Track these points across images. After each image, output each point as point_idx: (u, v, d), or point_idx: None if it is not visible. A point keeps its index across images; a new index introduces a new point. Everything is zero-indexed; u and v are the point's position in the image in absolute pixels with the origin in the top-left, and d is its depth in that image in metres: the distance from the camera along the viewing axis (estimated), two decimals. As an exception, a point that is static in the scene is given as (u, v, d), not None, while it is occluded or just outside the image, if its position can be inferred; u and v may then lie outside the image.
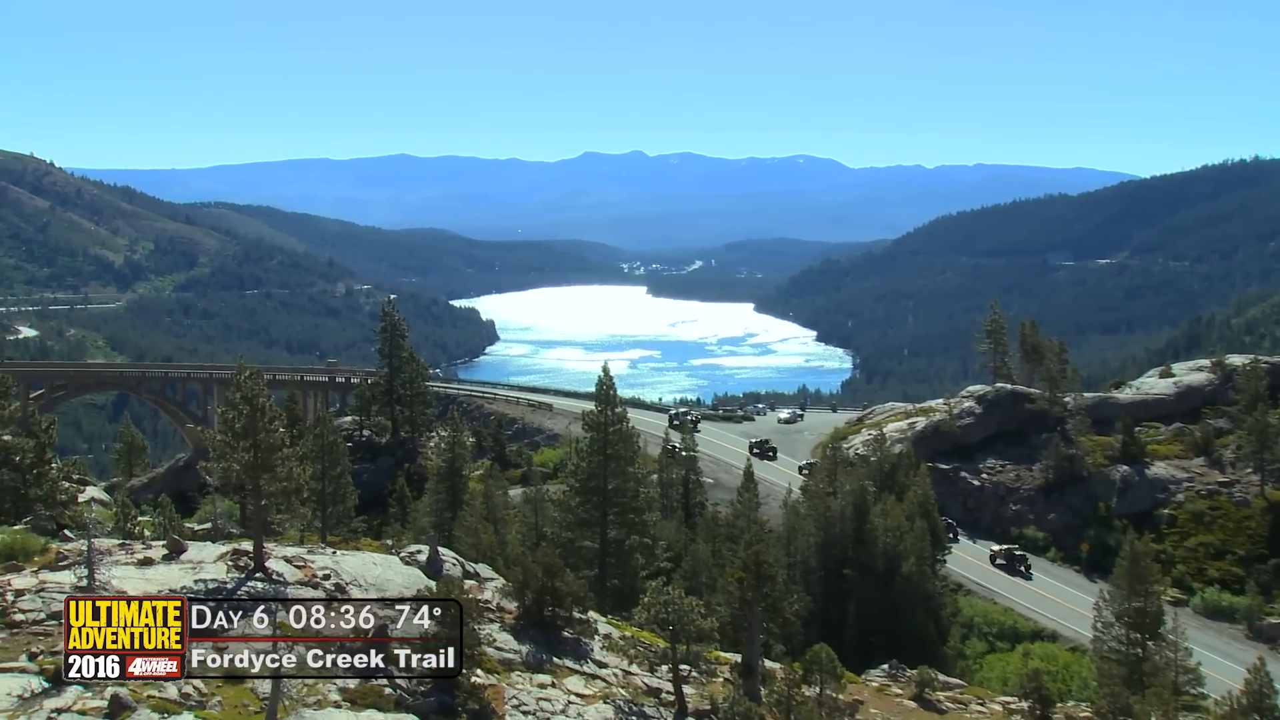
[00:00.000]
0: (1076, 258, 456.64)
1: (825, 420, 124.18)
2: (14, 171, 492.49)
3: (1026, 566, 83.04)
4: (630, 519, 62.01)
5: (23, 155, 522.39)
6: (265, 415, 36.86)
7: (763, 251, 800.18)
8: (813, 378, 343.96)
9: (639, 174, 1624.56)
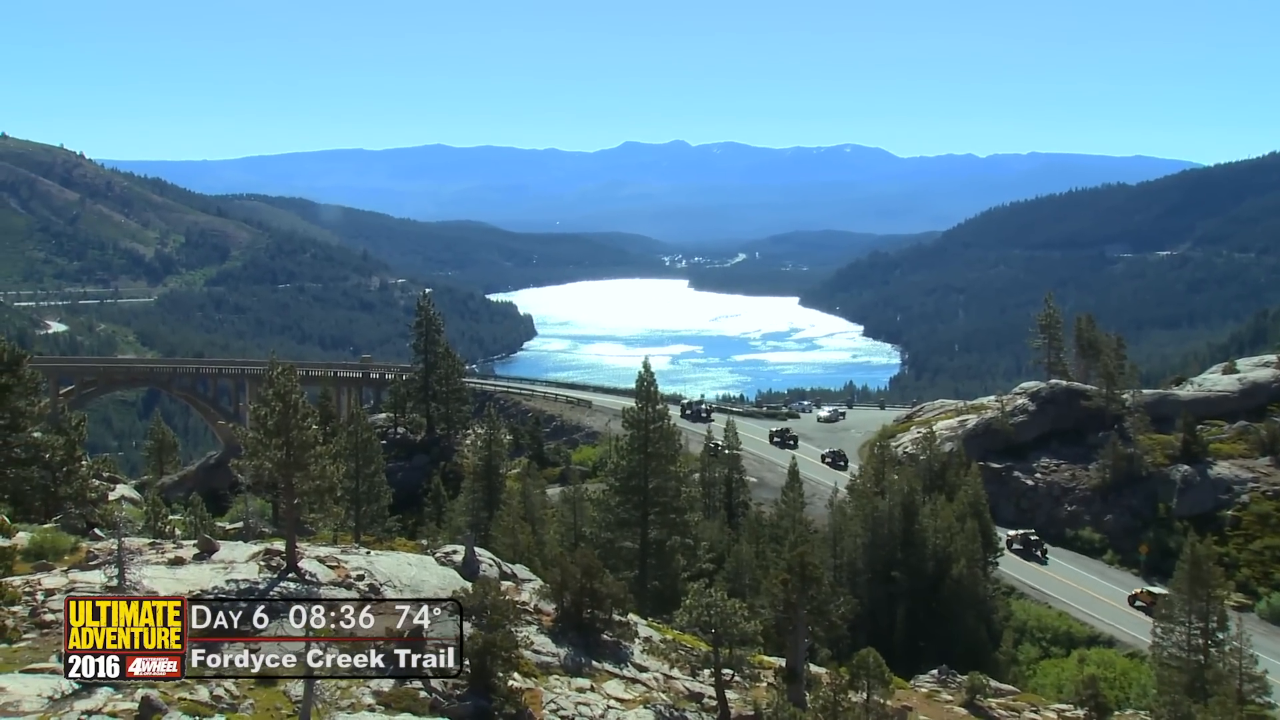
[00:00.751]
0: (1135, 250, 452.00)
1: (872, 418, 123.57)
2: (44, 163, 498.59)
3: (1043, 551, 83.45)
4: (671, 519, 61.96)
5: (52, 147, 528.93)
6: (298, 412, 37.10)
7: (808, 244, 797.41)
8: (860, 374, 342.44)
9: (681, 164, 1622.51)
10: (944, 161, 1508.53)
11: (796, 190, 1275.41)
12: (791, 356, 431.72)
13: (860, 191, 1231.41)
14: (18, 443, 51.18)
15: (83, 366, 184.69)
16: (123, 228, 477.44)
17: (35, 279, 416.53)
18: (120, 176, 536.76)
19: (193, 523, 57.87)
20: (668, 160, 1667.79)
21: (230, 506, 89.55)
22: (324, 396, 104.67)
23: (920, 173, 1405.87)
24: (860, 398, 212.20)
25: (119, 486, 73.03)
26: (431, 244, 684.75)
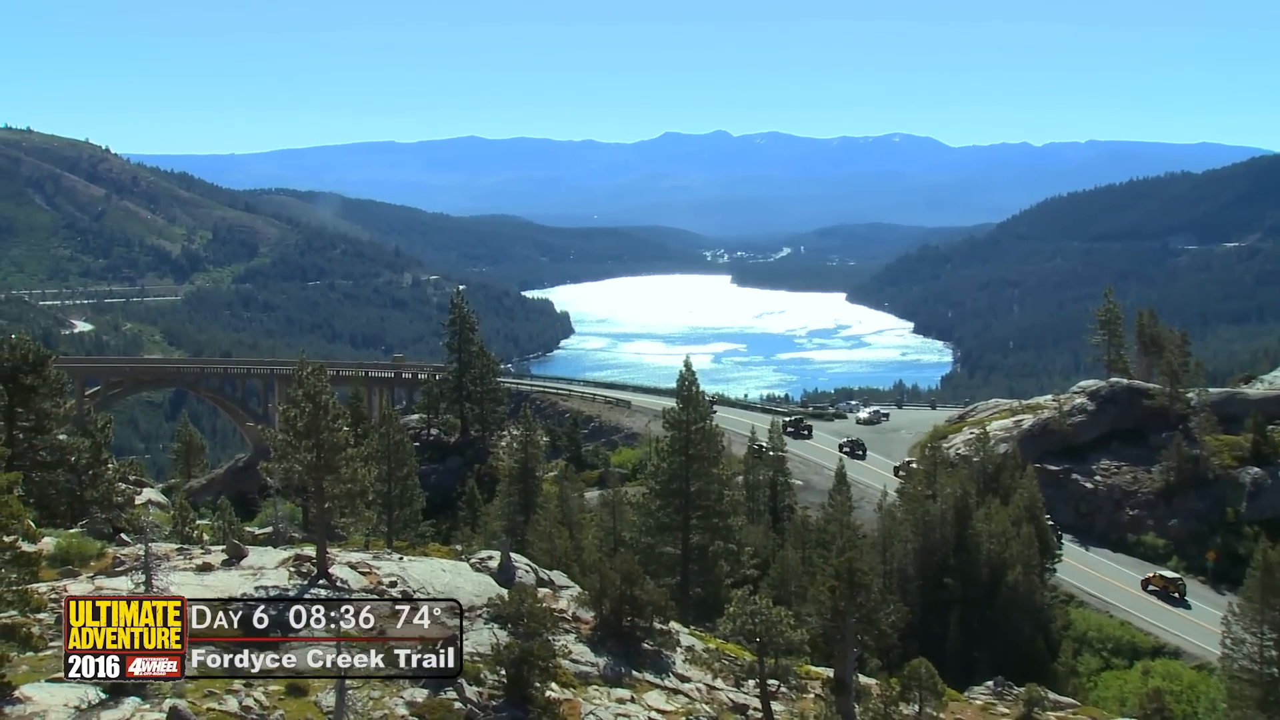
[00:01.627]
0: (1201, 241, 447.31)
1: (923, 418, 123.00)
2: (70, 158, 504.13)
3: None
4: (714, 523, 61.88)
5: (78, 141, 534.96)
6: (328, 413, 37.27)
7: (855, 237, 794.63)
8: (910, 372, 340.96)
9: (723, 155, 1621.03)
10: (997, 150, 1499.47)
11: (843, 181, 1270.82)
12: (838, 355, 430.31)
13: (909, 182, 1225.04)
14: (43, 445, 51.68)
15: (109, 367, 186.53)
16: (149, 224, 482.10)
17: (61, 277, 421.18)
18: (146, 171, 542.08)
19: (221, 527, 58.29)
20: (709, 151, 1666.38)
21: (259, 511, 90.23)
22: (355, 397, 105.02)
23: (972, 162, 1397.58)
24: (910, 397, 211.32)
25: (146, 490, 73.59)
26: (465, 239, 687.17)
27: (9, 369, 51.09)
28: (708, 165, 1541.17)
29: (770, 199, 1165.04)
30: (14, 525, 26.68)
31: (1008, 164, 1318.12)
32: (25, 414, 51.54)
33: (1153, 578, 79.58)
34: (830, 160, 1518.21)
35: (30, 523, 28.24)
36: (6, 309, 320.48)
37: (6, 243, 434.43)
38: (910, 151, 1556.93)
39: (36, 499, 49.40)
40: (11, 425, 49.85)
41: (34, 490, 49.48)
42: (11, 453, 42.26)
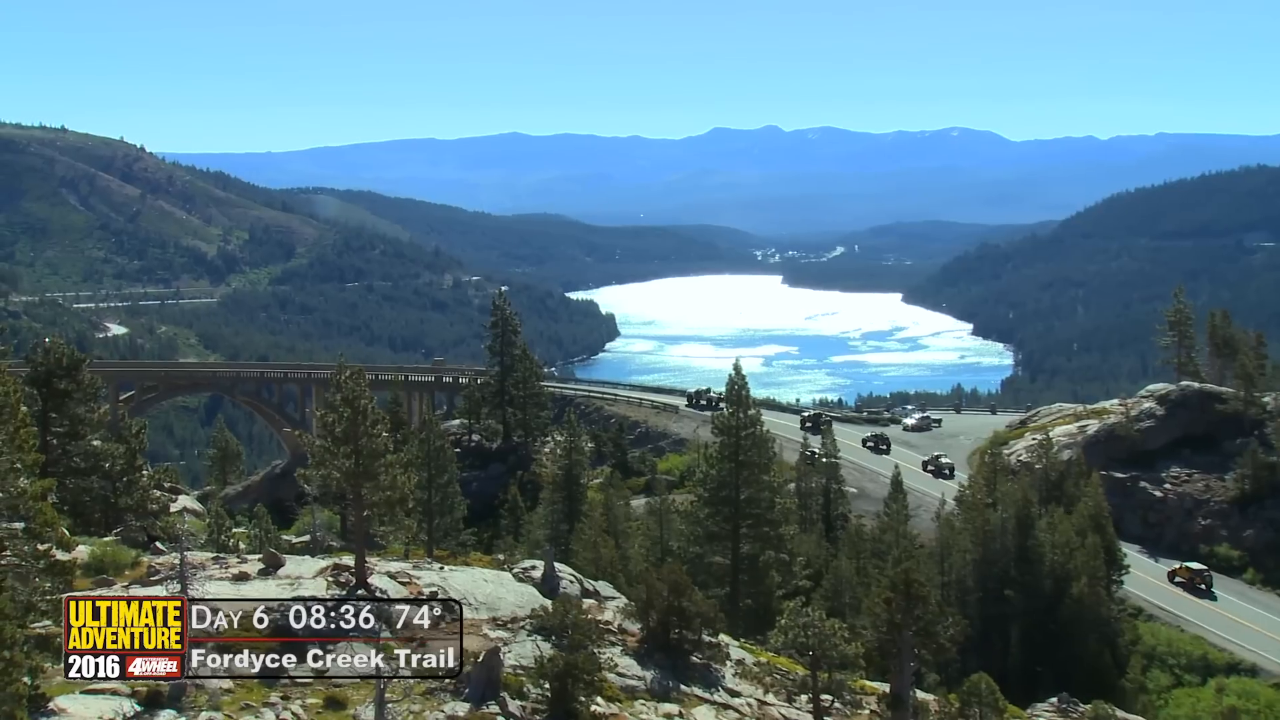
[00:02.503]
0: (1277, 238, 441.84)
1: (983, 423, 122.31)
2: (103, 158, 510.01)
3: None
4: (765, 532, 61.76)
5: (112, 140, 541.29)
6: (367, 419, 37.48)
7: (912, 236, 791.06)
8: (969, 376, 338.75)
9: (774, 151, 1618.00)
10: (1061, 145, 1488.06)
11: (899, 178, 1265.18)
12: (894, 357, 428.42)
13: (968, 178, 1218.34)
14: (77, 451, 52.26)
15: (143, 371, 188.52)
16: (184, 224, 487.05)
17: (95, 279, 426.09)
18: (182, 170, 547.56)
19: (257, 536, 58.84)
20: (759, 147, 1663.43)
21: (296, 519, 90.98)
22: (394, 402, 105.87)
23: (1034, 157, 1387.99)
24: (969, 401, 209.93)
25: (181, 497, 74.33)
26: (507, 238, 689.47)
27: (43, 373, 51.73)
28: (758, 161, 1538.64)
29: (823, 196, 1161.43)
30: (48, 533, 27.02)
31: (1072, 158, 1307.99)
32: (59, 419, 52.13)
33: (1179, 569, 79.85)
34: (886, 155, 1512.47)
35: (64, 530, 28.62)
36: (40, 312, 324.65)
37: (41, 244, 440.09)
38: (969, 146, 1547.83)
39: (70, 506, 49.96)
40: (45, 431, 50.39)
41: (68, 497, 50.06)
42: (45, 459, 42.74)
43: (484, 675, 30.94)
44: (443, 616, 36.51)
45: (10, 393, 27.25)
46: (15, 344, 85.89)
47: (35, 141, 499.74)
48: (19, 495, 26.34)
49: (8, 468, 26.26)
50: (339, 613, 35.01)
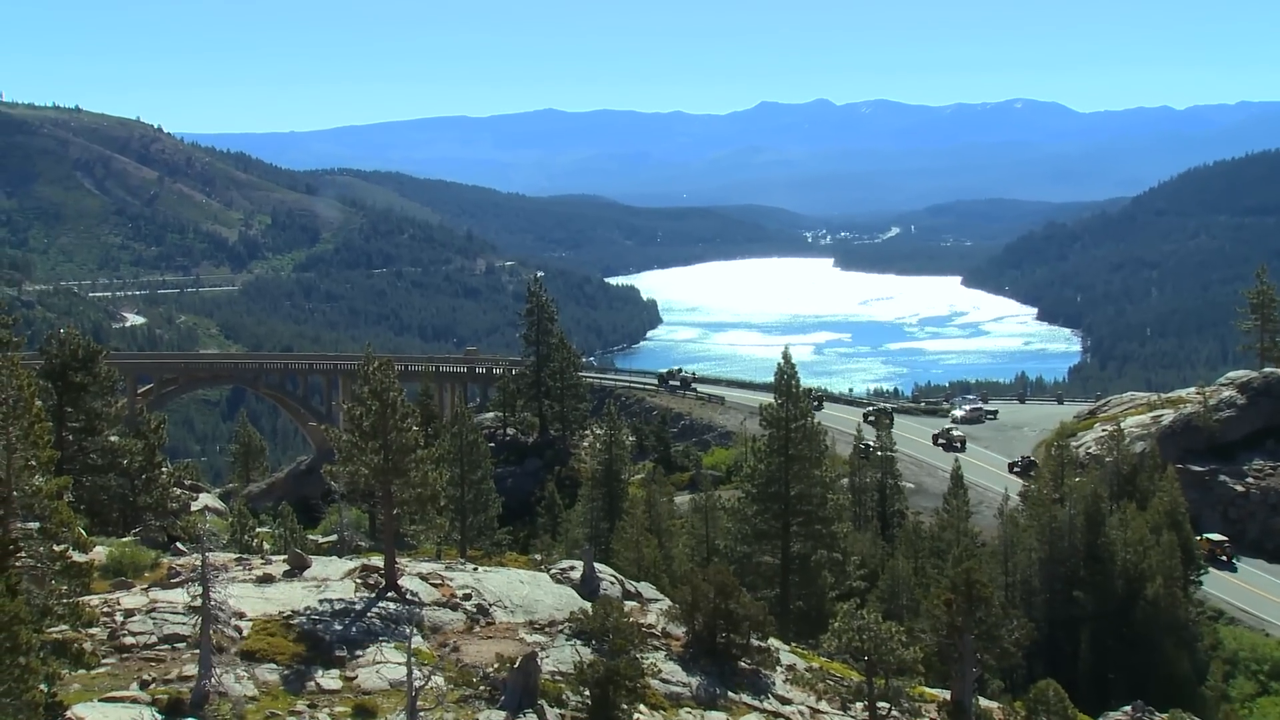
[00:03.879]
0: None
1: (1048, 414, 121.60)
2: (119, 139, 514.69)
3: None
4: (817, 530, 61.61)
5: (128, 120, 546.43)
6: (397, 412, 37.61)
7: (972, 215, 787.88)
8: (1034, 363, 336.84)
9: (824, 126, 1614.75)
10: (1133, 116, 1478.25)
11: (958, 153, 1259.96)
12: (953, 344, 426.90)
13: (1033, 153, 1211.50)
14: (94, 447, 52.66)
15: (162, 363, 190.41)
16: (204, 208, 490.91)
17: (111, 266, 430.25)
18: (201, 152, 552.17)
19: (282, 536, 59.22)
20: (809, 122, 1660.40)
21: (323, 517, 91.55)
22: (425, 394, 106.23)
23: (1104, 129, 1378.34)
24: (1034, 390, 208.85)
25: (202, 495, 74.98)
26: (543, 221, 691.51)
27: (58, 366, 52.15)
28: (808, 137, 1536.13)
29: (877, 174, 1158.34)
30: (64, 533, 27.21)
31: (1145, 130, 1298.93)
32: (75, 414, 52.54)
33: (1200, 541, 79.12)
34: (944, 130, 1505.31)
35: (81, 531, 28.84)
36: (55, 301, 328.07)
37: (55, 230, 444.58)
38: (1034, 119, 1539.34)
39: (87, 505, 50.35)
40: (60, 426, 50.80)
41: (84, 496, 50.45)
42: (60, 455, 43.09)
43: (521, 682, 31.00)
44: (477, 620, 36.68)
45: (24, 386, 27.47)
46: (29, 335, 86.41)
47: (48, 123, 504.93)
48: (34, 494, 26.54)
49: (22, 465, 26.48)
50: (368, 616, 35.24)
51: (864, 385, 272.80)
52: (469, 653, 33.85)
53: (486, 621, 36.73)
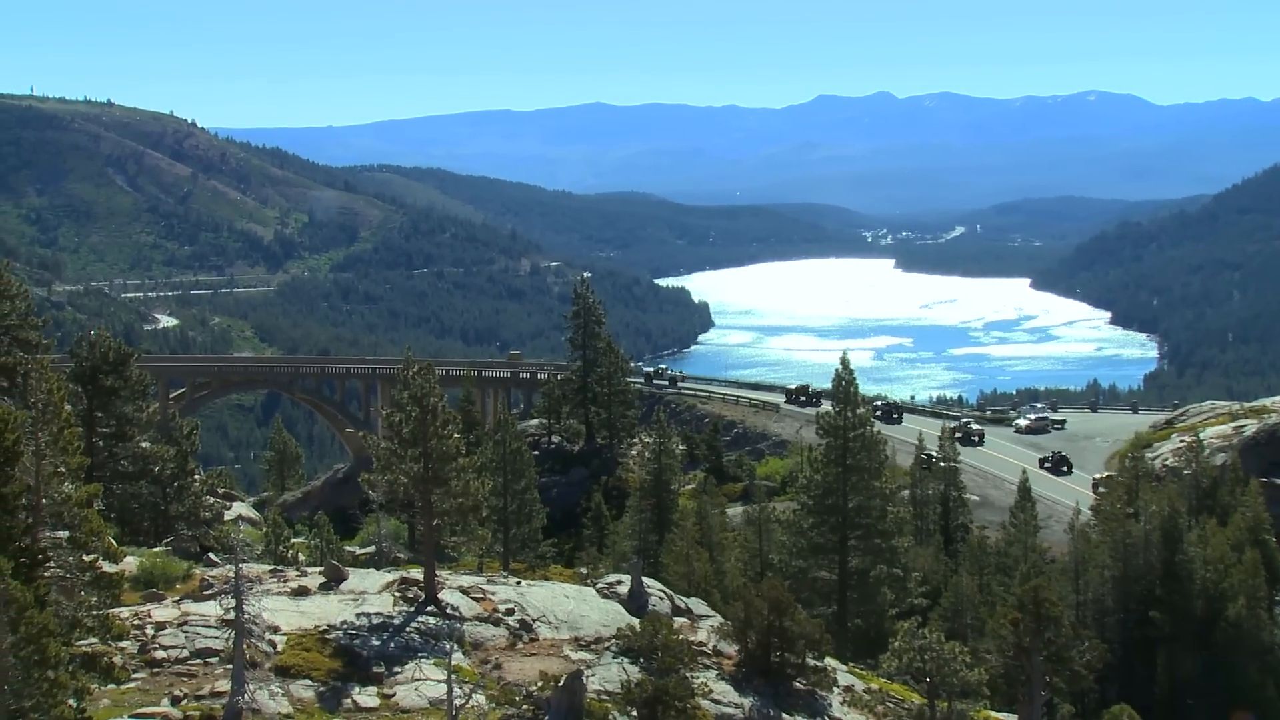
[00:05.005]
0: None
1: (1122, 423, 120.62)
2: (152, 134, 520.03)
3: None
4: (876, 544, 61.38)
5: (162, 114, 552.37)
6: (437, 418, 37.75)
7: (1042, 214, 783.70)
8: (1106, 370, 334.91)
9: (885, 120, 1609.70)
10: (1215, 108, 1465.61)
11: (1027, 149, 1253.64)
12: (1021, 350, 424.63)
13: (1107, 148, 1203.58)
14: (125, 454, 53.17)
15: (195, 366, 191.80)
16: (239, 206, 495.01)
17: (143, 266, 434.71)
18: (236, 147, 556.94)
19: (318, 546, 59.49)
20: (869, 116, 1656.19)
21: (360, 528, 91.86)
22: (467, 400, 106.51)
23: (1183, 123, 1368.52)
24: (1107, 399, 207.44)
25: (236, 504, 75.48)
26: (591, 220, 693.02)
27: (88, 369, 52.69)
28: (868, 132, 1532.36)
29: (941, 170, 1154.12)
30: (94, 543, 27.41)
31: (1227, 124, 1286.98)
32: (105, 419, 53.06)
33: None
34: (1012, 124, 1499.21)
35: (111, 540, 29.07)
36: (85, 302, 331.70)
37: (86, 228, 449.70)
38: (1108, 112, 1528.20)
39: (118, 513, 50.84)
40: (91, 431, 51.28)
41: (115, 504, 50.93)
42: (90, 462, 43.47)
43: (565, 701, 31.05)
44: (520, 636, 36.76)
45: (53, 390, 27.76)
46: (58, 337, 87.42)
47: (80, 117, 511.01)
48: (63, 502, 26.76)
49: (51, 472, 26.71)
50: (407, 631, 35.39)
51: (926, 392, 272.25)
52: (511, 670, 33.94)
53: (530, 638, 36.80)
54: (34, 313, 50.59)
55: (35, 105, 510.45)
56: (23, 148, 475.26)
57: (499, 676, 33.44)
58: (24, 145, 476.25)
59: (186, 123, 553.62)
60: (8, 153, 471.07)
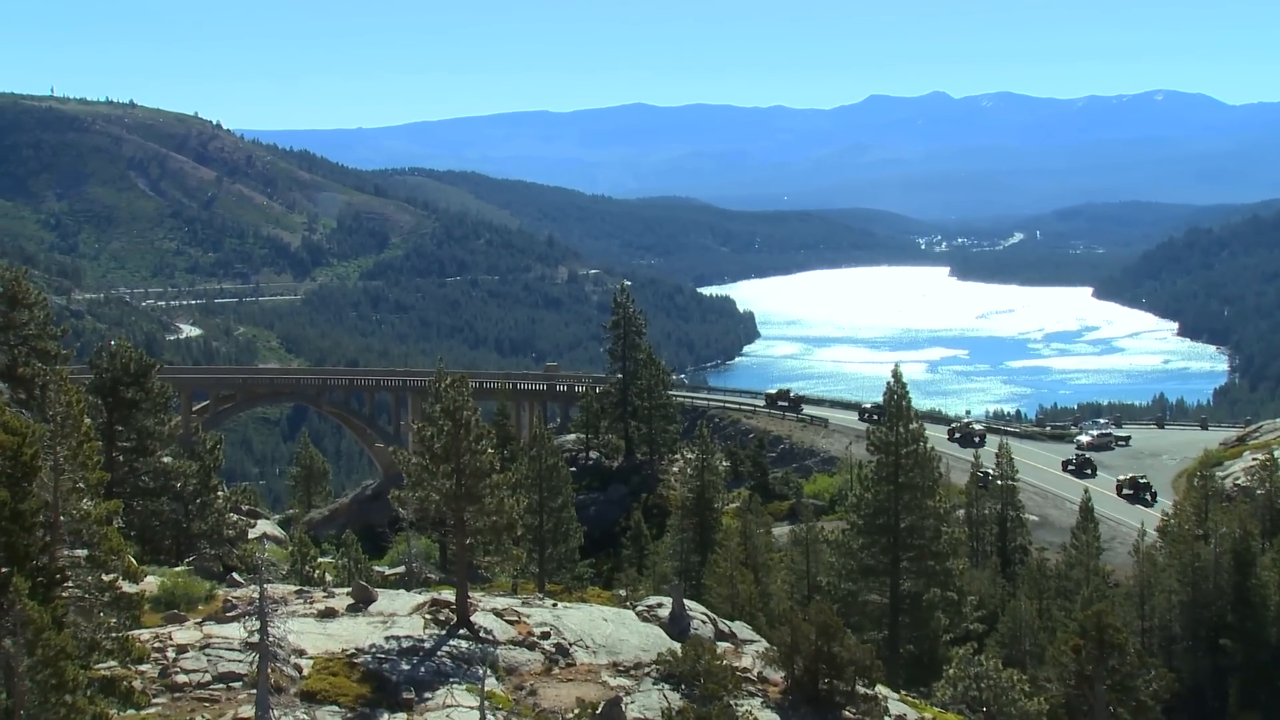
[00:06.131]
0: None
1: (1191, 440, 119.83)
2: (176, 136, 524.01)
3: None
4: (929, 566, 61.18)
5: (186, 116, 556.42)
6: (471, 433, 37.83)
7: (1105, 219, 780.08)
8: (1174, 384, 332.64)
9: (940, 122, 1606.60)
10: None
11: (1090, 151, 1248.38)
12: (1083, 363, 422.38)
13: (1175, 150, 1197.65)
14: (145, 469, 53.47)
15: (219, 378, 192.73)
16: (265, 211, 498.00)
17: (165, 274, 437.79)
18: (262, 150, 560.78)
19: (346, 566, 59.74)
20: (923, 117, 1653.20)
21: (390, 547, 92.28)
22: (501, 414, 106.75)
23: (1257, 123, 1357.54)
24: (1174, 414, 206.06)
25: (260, 522, 75.88)
26: (631, 225, 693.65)
27: (108, 380, 53.04)
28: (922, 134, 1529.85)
29: (999, 174, 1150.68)
30: (114, 562, 27.51)
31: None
32: (126, 433, 53.38)
33: None
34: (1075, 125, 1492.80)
35: (131, 559, 29.23)
36: (105, 310, 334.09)
37: (106, 234, 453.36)
38: (1177, 112, 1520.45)
39: (138, 531, 51.14)
40: (110, 445, 51.59)
41: (135, 521, 51.25)
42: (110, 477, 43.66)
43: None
44: (556, 661, 36.77)
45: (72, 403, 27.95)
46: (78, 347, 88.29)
47: (101, 119, 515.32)
48: (82, 519, 26.88)
49: (69, 487, 26.86)
50: (438, 655, 35.45)
51: (982, 406, 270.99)
52: (547, 696, 33.95)
53: (566, 662, 36.81)
54: (53, 322, 50.97)
55: (55, 106, 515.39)
56: (42, 150, 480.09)
57: (534, 703, 33.46)
58: (44, 148, 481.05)
59: (211, 124, 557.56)
60: (27, 156, 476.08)
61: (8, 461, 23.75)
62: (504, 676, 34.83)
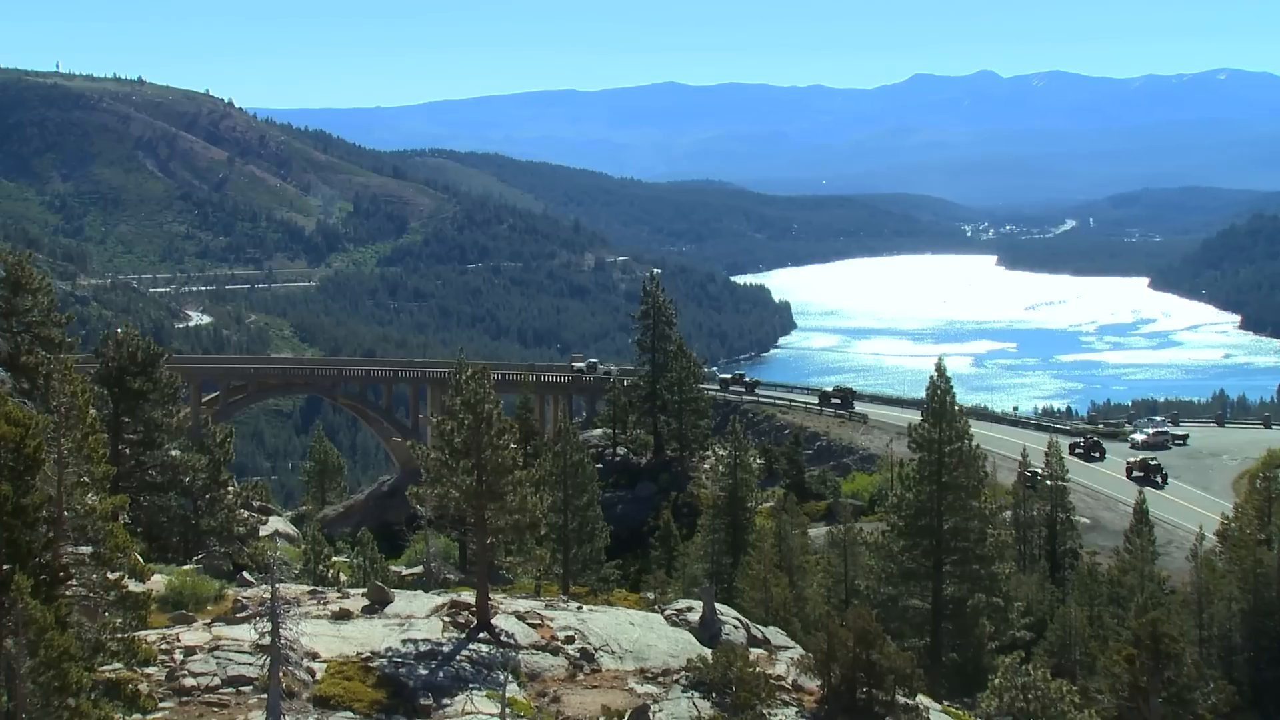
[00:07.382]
0: None
1: (1253, 439, 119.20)
2: (187, 114, 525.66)
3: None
4: (974, 570, 61.04)
5: (196, 94, 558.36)
6: (492, 427, 37.86)
7: (1163, 205, 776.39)
8: (1235, 380, 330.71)
9: (988, 102, 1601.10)
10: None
11: (1147, 134, 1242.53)
12: (1138, 357, 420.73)
13: (1239, 133, 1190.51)
14: (153, 462, 53.69)
15: (230, 368, 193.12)
16: (278, 193, 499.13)
17: (175, 258, 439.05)
18: (276, 129, 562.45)
19: (361, 566, 59.90)
20: (970, 97, 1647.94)
21: (407, 546, 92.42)
22: (524, 407, 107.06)
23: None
24: (1236, 412, 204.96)
25: (272, 519, 76.16)
26: (661, 211, 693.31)
27: (114, 370, 53.24)
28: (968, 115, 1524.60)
29: (1049, 157, 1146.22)
30: (120, 559, 27.58)
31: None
32: (132, 424, 53.57)
33: None
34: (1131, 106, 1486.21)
35: (138, 557, 29.35)
36: (112, 297, 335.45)
37: (113, 217, 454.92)
38: (1240, 92, 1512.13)
39: (145, 527, 51.35)
40: (117, 438, 51.78)
41: (142, 517, 51.48)
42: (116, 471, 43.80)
43: (630, 739, 31.11)
44: (580, 666, 36.81)
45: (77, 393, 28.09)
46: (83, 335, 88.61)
47: (108, 96, 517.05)
48: (86, 514, 26.94)
49: (74, 481, 26.93)
50: (457, 660, 35.52)
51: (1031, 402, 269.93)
52: (571, 704, 34.01)
53: (591, 668, 36.86)
54: (57, 309, 51.13)
55: (61, 83, 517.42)
56: (47, 129, 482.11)
57: (557, 710, 33.52)
58: (48, 127, 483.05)
59: (223, 103, 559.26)
60: (31, 135, 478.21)
61: (10, 454, 23.83)
62: (526, 682, 34.90)
